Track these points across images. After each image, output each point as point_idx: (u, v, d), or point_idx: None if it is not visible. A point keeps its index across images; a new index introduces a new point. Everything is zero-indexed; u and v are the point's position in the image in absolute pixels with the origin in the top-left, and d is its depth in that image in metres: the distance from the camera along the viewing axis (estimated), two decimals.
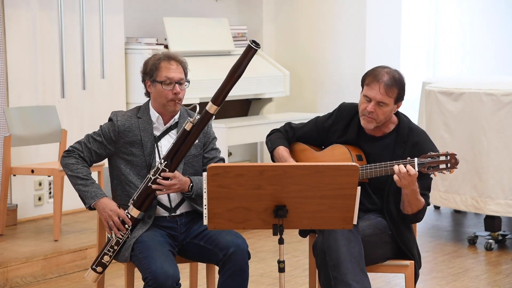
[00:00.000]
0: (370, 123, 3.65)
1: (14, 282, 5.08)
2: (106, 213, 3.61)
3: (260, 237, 6.14)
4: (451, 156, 3.50)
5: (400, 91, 3.64)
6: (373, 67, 3.70)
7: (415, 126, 3.75)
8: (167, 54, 3.72)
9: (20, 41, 6.11)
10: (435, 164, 3.50)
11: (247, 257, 3.59)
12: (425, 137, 3.71)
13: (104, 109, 6.55)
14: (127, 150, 3.70)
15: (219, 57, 7.12)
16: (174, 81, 3.66)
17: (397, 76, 3.64)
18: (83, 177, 3.66)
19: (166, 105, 3.68)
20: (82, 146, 3.71)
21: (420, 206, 3.60)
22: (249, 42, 3.44)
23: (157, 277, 3.39)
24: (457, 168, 3.50)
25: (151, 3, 7.20)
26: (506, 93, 5.75)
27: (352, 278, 3.42)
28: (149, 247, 3.52)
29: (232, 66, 3.51)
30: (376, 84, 3.60)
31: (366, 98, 3.63)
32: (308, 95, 7.87)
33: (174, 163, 3.58)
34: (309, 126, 3.88)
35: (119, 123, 3.70)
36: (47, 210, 6.32)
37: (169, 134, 3.74)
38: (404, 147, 3.66)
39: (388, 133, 3.73)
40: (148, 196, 3.60)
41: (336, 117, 3.81)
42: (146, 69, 3.72)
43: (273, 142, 3.87)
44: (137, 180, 3.68)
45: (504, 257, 5.73)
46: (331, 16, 7.73)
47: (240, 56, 3.48)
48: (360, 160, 3.69)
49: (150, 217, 3.66)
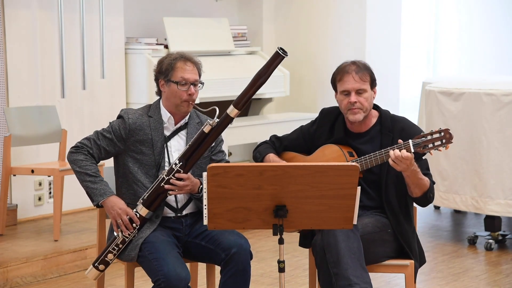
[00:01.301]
0: (358, 114, 3.69)
1: (14, 282, 5.08)
2: (115, 211, 3.59)
3: (260, 237, 6.14)
4: (445, 131, 3.52)
5: (371, 74, 3.73)
6: (336, 67, 3.79)
7: (396, 115, 3.82)
8: (183, 55, 3.71)
9: (20, 41, 6.11)
10: (430, 142, 3.52)
11: (249, 257, 3.58)
12: (408, 122, 3.77)
13: (104, 109, 6.55)
14: (137, 148, 3.68)
15: (219, 57, 7.12)
16: (190, 82, 3.66)
17: (362, 63, 3.75)
18: (92, 174, 3.64)
19: (179, 105, 3.67)
20: (91, 143, 3.68)
21: (427, 185, 3.64)
22: (277, 49, 3.42)
23: (170, 280, 3.38)
24: (452, 142, 3.52)
25: (151, 3, 7.20)
26: (506, 93, 5.75)
27: (353, 273, 3.43)
28: (159, 249, 3.51)
29: (258, 71, 3.49)
30: (347, 75, 3.69)
31: (344, 93, 3.71)
32: (308, 95, 7.87)
33: (189, 165, 3.57)
34: (295, 134, 3.93)
35: (130, 121, 3.68)
36: (47, 210, 6.32)
37: (179, 134, 3.74)
38: (391, 135, 3.70)
39: (372, 126, 3.77)
40: (158, 196, 3.59)
41: (320, 121, 3.87)
42: (161, 68, 3.70)
43: (262, 152, 3.90)
44: (145, 179, 3.67)
45: (504, 257, 5.73)
46: (331, 16, 7.73)
47: (267, 61, 3.47)
48: (352, 156, 3.71)
49: (157, 217, 3.65)
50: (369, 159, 3.62)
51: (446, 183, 6.04)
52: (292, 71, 7.66)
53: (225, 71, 6.92)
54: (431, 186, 3.67)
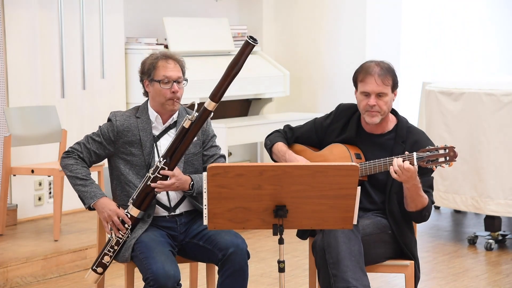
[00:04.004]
0: (375, 117, 3.66)
1: (14, 282, 5.08)
2: (105, 213, 3.61)
3: (260, 237, 6.14)
4: (450, 149, 3.50)
5: (394, 78, 3.69)
6: (360, 65, 3.74)
7: (413, 126, 3.79)
8: (164, 53, 3.72)
9: (20, 41, 6.11)
10: (433, 157, 3.50)
11: (246, 257, 3.59)
12: (423, 136, 3.73)
13: (104, 109, 6.55)
14: (126, 150, 3.70)
15: (219, 57, 7.12)
16: (172, 80, 3.66)
17: (386, 65, 3.69)
18: (82, 177, 3.66)
19: (164, 104, 3.68)
20: (81, 147, 3.72)
21: (425, 203, 3.60)
22: (247, 38, 3.44)
23: (158, 278, 3.39)
24: (455, 161, 3.51)
25: (151, 3, 7.20)
26: (506, 93, 5.75)
27: (352, 276, 3.43)
28: (150, 247, 3.52)
29: (230, 62, 3.51)
30: (370, 77, 3.64)
31: (364, 94, 3.66)
32: (308, 95, 7.87)
33: (173, 161, 3.58)
34: (308, 126, 3.90)
35: (118, 123, 3.70)
36: (47, 210, 6.31)
37: (168, 133, 3.75)
38: (403, 146, 3.67)
39: (387, 132, 3.74)
40: (147, 195, 3.60)
41: (335, 116, 3.83)
42: (144, 68, 3.72)
43: (272, 140, 3.90)
44: (136, 180, 3.68)
45: (504, 257, 5.73)
46: (331, 16, 7.73)
47: (238, 52, 3.49)
48: (359, 159, 3.69)
49: (149, 216, 3.66)
50: (373, 165, 3.60)
51: (446, 183, 6.04)
52: (292, 71, 7.66)
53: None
54: (429, 205, 3.64)
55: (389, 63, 3.72)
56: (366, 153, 3.72)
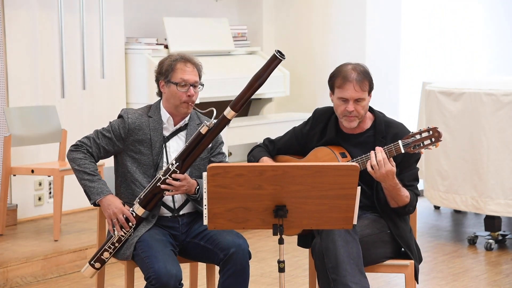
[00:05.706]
0: (353, 121, 3.67)
1: (14, 282, 5.08)
2: (111, 210, 3.60)
3: (260, 237, 6.14)
4: (433, 130, 3.51)
5: (370, 81, 3.69)
6: (336, 68, 3.74)
7: (391, 119, 3.78)
8: (183, 56, 3.72)
9: (20, 41, 6.11)
10: (419, 142, 3.51)
11: (248, 257, 3.59)
12: (402, 127, 3.73)
13: (104, 109, 6.55)
14: (136, 148, 3.69)
15: (219, 57, 7.12)
16: (189, 84, 3.67)
17: (362, 68, 3.69)
18: (90, 172, 3.65)
19: (179, 106, 3.68)
20: (90, 141, 3.70)
21: (406, 201, 3.61)
22: (275, 52, 3.42)
23: (160, 277, 3.39)
24: (441, 140, 3.51)
25: (151, 3, 7.20)
26: (506, 93, 5.75)
27: (351, 280, 3.42)
28: (152, 246, 3.52)
29: (255, 73, 3.50)
30: (348, 84, 3.63)
31: (341, 99, 3.66)
32: (308, 95, 7.87)
33: (186, 165, 3.58)
34: (288, 136, 3.91)
35: (130, 120, 3.69)
36: (47, 210, 6.32)
37: (178, 135, 3.74)
38: (384, 141, 3.66)
39: (366, 129, 3.74)
40: (155, 196, 3.60)
41: (313, 121, 3.84)
42: (162, 69, 3.71)
43: (256, 155, 3.89)
44: (143, 178, 3.68)
45: (504, 257, 5.73)
46: (331, 16, 7.73)
47: (264, 64, 3.48)
48: (345, 157, 3.70)
49: (154, 217, 3.66)
50: (361, 160, 3.60)
51: (446, 183, 6.04)
52: (292, 71, 7.66)
53: (225, 71, 6.92)
54: (411, 201, 3.64)
55: (364, 65, 3.72)
56: (349, 152, 3.72)
